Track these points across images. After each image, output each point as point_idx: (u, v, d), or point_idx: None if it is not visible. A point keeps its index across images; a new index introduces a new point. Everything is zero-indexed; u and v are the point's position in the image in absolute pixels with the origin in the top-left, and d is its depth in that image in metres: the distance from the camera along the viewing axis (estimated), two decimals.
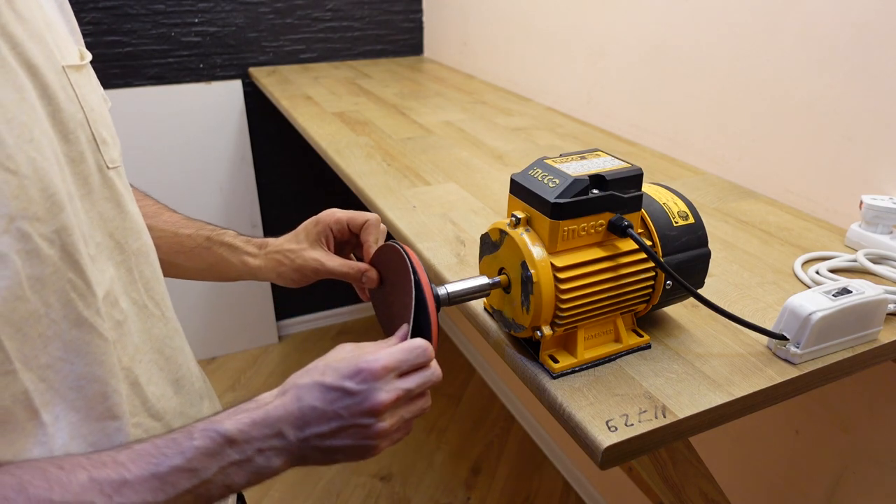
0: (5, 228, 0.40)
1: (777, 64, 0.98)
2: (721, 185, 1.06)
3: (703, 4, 1.09)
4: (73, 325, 0.46)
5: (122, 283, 0.53)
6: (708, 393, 0.55)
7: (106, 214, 0.51)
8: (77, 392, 0.46)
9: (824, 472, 0.99)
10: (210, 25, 1.91)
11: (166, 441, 0.44)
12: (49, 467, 0.41)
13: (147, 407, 0.54)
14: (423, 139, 1.26)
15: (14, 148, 0.41)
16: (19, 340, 0.42)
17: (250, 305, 2.28)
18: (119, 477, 0.42)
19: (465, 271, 0.76)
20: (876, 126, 0.85)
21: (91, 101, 0.51)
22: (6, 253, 0.40)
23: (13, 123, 0.41)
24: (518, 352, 0.61)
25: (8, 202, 0.40)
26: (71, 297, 0.45)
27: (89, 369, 0.47)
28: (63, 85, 0.47)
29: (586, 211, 0.54)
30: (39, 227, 0.42)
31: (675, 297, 0.62)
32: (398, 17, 2.15)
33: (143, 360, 0.54)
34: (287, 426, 0.46)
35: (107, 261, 0.51)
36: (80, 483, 0.41)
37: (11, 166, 0.40)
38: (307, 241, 0.66)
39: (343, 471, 1.84)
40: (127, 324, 0.52)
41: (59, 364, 0.45)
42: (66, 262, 0.45)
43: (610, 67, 1.34)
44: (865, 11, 0.85)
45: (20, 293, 0.41)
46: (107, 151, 0.51)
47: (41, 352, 0.44)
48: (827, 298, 0.59)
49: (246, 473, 0.46)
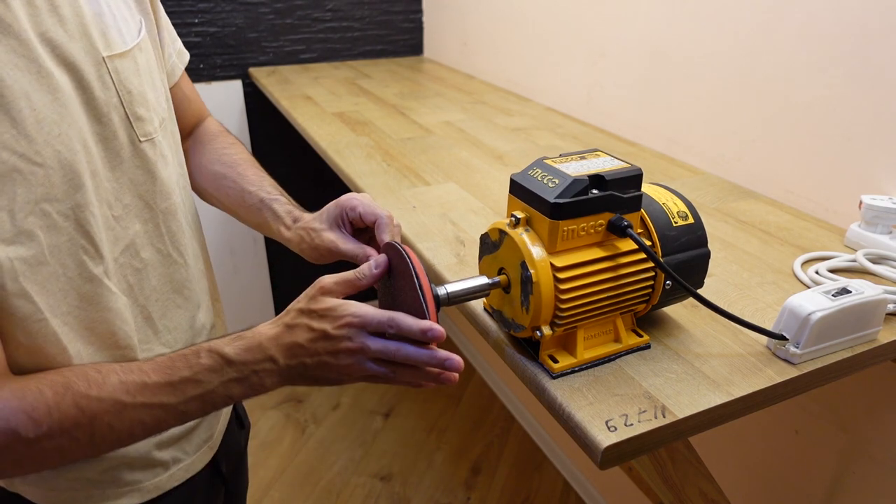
0: (31, 210, 0.51)
1: (777, 64, 0.98)
2: (721, 185, 1.06)
3: (703, 4, 1.09)
4: (85, 281, 0.57)
5: (147, 237, 0.64)
6: (707, 393, 0.55)
7: (136, 179, 0.62)
8: (90, 332, 0.58)
9: (824, 472, 0.99)
10: (210, 26, 1.91)
11: (180, 357, 0.54)
12: (90, 371, 0.52)
13: (158, 337, 0.67)
14: (423, 139, 1.26)
15: (42, 144, 0.51)
16: (45, 295, 0.53)
17: (251, 305, 2.28)
18: (141, 381, 0.52)
19: (464, 271, 0.76)
20: (876, 126, 0.86)
21: (131, 83, 0.60)
22: (32, 230, 0.51)
23: (43, 123, 0.51)
24: (518, 352, 0.61)
25: (35, 189, 0.51)
26: (83, 259, 0.56)
27: (100, 314, 0.59)
28: (101, 74, 0.57)
29: (586, 211, 0.54)
30: (57, 205, 0.53)
31: (675, 297, 0.62)
32: (398, 18, 2.15)
33: (161, 299, 0.67)
34: (278, 354, 0.54)
35: (134, 218, 0.62)
36: (111, 384, 0.51)
37: (38, 160, 0.51)
38: (327, 223, 0.69)
39: (343, 471, 1.84)
40: (146, 270, 0.64)
41: (77, 311, 0.57)
42: (79, 232, 0.55)
43: (610, 67, 1.34)
44: (865, 11, 0.85)
45: (42, 259, 0.53)
46: (140, 127, 0.61)
47: (62, 302, 0.55)
48: (826, 298, 0.59)
49: (243, 388, 0.54)
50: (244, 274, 2.24)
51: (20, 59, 0.50)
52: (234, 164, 0.79)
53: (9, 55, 0.49)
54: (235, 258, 2.20)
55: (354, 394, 2.16)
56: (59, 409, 0.49)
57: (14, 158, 0.49)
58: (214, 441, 0.78)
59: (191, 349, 0.54)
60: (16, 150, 0.49)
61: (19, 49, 0.50)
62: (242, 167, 0.79)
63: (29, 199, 0.50)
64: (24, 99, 0.50)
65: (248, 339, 0.54)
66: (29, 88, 0.50)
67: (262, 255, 2.24)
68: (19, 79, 0.49)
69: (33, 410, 0.49)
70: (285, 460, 1.88)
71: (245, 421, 0.92)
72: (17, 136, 0.49)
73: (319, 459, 1.88)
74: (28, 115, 0.50)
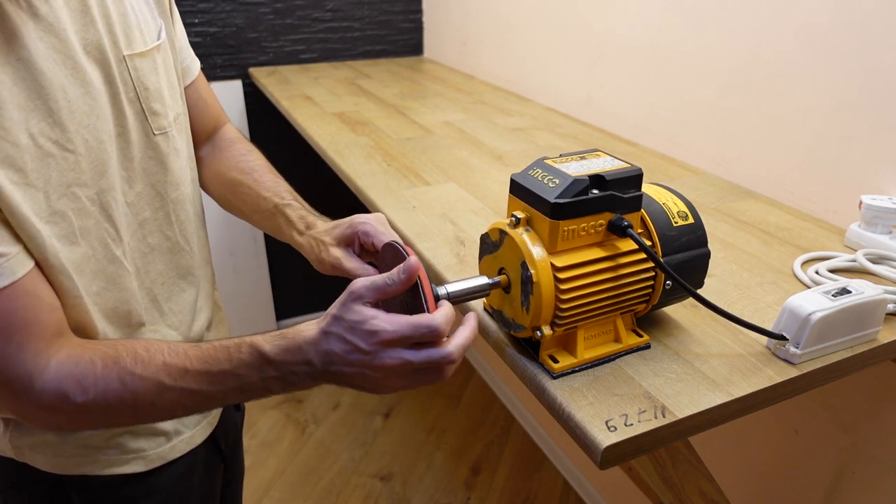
0: (64, 193, 0.55)
1: (776, 64, 0.98)
2: (721, 185, 1.06)
3: (703, 5, 1.09)
4: (109, 263, 0.62)
5: (156, 223, 0.69)
6: (707, 393, 0.55)
7: (149, 169, 0.67)
8: (114, 311, 0.64)
9: (824, 472, 0.99)
10: (210, 26, 1.91)
11: (222, 348, 0.55)
12: (139, 348, 0.55)
13: (164, 318, 0.71)
14: (423, 139, 1.26)
15: (74, 133, 0.56)
16: (80, 275, 0.58)
17: (251, 306, 2.28)
18: (183, 366, 0.54)
19: (464, 271, 0.76)
20: (875, 126, 0.86)
21: (149, 80, 0.65)
22: (65, 211, 0.56)
23: (75, 114, 0.56)
24: (518, 352, 0.61)
25: (66, 174, 0.55)
26: (107, 242, 0.61)
27: (120, 294, 0.64)
28: (121, 70, 0.61)
29: (586, 211, 0.54)
30: (86, 190, 0.58)
31: (675, 297, 0.62)
32: (398, 18, 2.15)
33: (167, 283, 0.71)
34: (315, 358, 0.54)
35: (146, 205, 0.67)
36: (156, 364, 0.54)
37: (70, 147, 0.56)
38: (336, 239, 0.70)
39: (343, 471, 1.84)
40: (152, 255, 0.69)
41: (104, 292, 0.62)
42: (104, 216, 0.60)
43: (610, 67, 1.34)
44: (865, 11, 0.85)
45: (74, 240, 0.57)
46: (155, 121, 0.66)
47: (92, 283, 0.60)
48: (826, 298, 0.59)
49: (282, 385, 0.55)
50: (244, 274, 2.24)
51: (59, 55, 0.55)
52: (250, 170, 0.82)
53: (50, 52, 0.54)
54: (235, 258, 2.20)
55: (354, 394, 2.16)
56: (105, 381, 0.53)
57: (49, 144, 0.54)
58: (213, 418, 0.81)
59: (234, 341, 0.55)
60: (51, 137, 0.54)
61: (59, 46, 0.55)
62: (259, 173, 0.81)
63: (62, 182, 0.55)
64: (60, 91, 0.54)
65: (289, 339, 0.54)
66: (65, 82, 0.55)
67: (263, 255, 2.24)
68: (57, 73, 0.54)
69: (84, 378, 0.53)
70: (285, 460, 1.88)
71: (241, 404, 0.95)
72: (52, 125, 0.54)
73: (319, 459, 1.88)
74: (63, 105, 0.55)
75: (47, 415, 0.55)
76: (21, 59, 0.51)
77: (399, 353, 0.52)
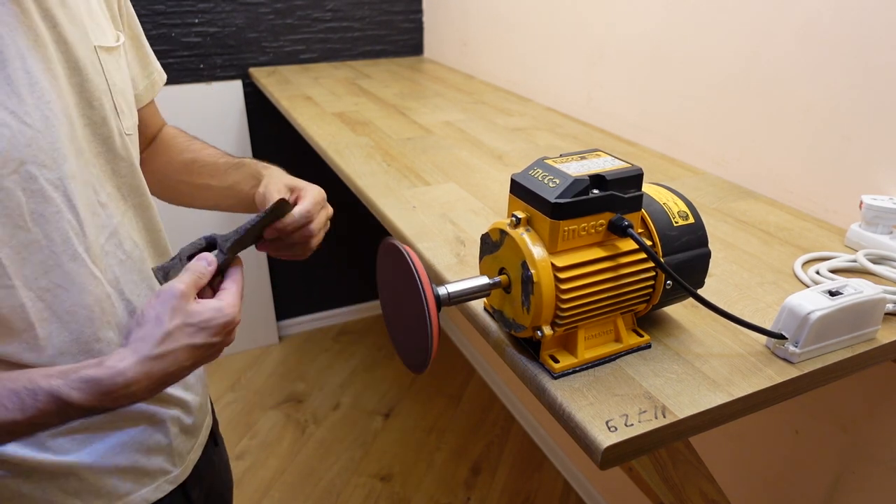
0: (14, 169, 0.51)
1: (777, 64, 0.98)
2: (721, 185, 1.06)
3: (703, 4, 1.09)
4: (70, 259, 0.56)
5: (127, 229, 0.65)
6: (708, 393, 0.55)
7: (120, 171, 0.63)
8: (71, 316, 0.57)
9: (824, 472, 0.99)
10: (210, 26, 1.91)
11: (9, 394, 0.47)
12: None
13: None
14: (423, 139, 1.26)
15: (32, 106, 0.52)
16: (19, 263, 0.52)
17: (251, 306, 2.28)
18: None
19: (465, 271, 0.76)
20: (875, 126, 0.86)
21: (115, 77, 0.62)
22: (12, 188, 0.51)
23: (35, 87, 0.52)
24: (518, 352, 0.61)
25: (21, 149, 0.51)
26: (69, 236, 0.56)
27: (81, 298, 0.57)
28: (92, 60, 0.59)
29: (586, 211, 0.54)
30: (46, 172, 0.53)
31: (676, 296, 0.62)
32: (398, 18, 2.15)
33: (142, 294, 0.66)
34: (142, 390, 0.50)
35: (115, 209, 0.63)
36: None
37: (28, 120, 0.51)
38: (288, 187, 0.72)
39: (343, 471, 1.84)
40: (129, 263, 0.64)
41: (58, 290, 0.56)
42: (67, 206, 0.55)
43: (610, 68, 1.34)
44: (865, 12, 0.85)
45: (21, 223, 0.52)
46: (125, 119, 0.64)
47: (42, 276, 0.54)
48: (825, 298, 0.59)
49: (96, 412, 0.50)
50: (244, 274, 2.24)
51: (20, 23, 0.51)
52: (200, 149, 0.84)
53: (9, 17, 0.51)
54: None
55: (354, 394, 2.16)
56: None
57: (4, 113, 0.50)
58: (181, 473, 0.74)
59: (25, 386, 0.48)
60: (7, 106, 0.50)
61: (20, 15, 0.51)
62: (210, 149, 0.84)
63: (13, 157, 0.50)
64: (19, 59, 0.51)
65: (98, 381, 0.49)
66: (25, 52, 0.52)
67: (263, 254, 2.25)
68: (17, 39, 0.51)
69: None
70: (285, 460, 1.88)
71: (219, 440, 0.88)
72: (9, 93, 0.50)
73: (319, 459, 1.88)
74: (22, 75, 0.51)
75: None
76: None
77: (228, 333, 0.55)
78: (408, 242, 0.84)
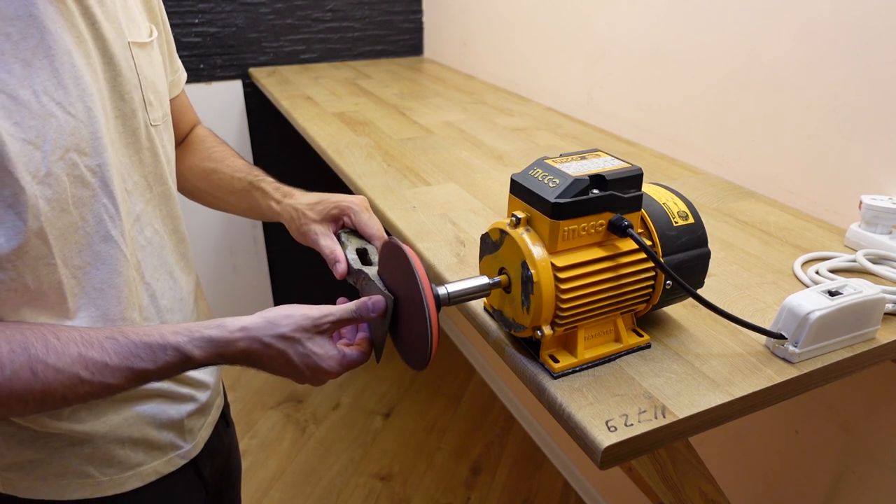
0: (61, 156, 0.54)
1: (777, 64, 0.98)
2: (721, 185, 1.06)
3: (703, 4, 1.09)
4: (102, 240, 0.60)
5: (149, 216, 0.68)
6: (707, 393, 0.55)
7: (145, 160, 0.67)
8: (99, 293, 0.61)
9: (824, 472, 0.99)
10: (210, 26, 1.91)
11: (145, 346, 0.54)
12: (49, 334, 0.52)
13: (160, 315, 0.70)
14: (423, 139, 1.26)
15: (76, 98, 0.55)
16: (61, 242, 0.56)
17: (251, 306, 2.28)
18: (103, 361, 0.53)
19: (465, 271, 0.76)
20: (875, 126, 0.86)
21: (146, 71, 0.66)
22: (59, 174, 0.54)
23: (79, 81, 0.56)
24: (518, 352, 0.61)
25: (66, 137, 0.55)
26: (103, 218, 0.60)
27: (110, 277, 0.61)
28: (126, 56, 0.62)
29: (586, 211, 0.54)
30: (86, 160, 0.57)
31: (675, 296, 0.62)
32: (398, 18, 2.15)
33: (160, 278, 0.70)
34: (242, 360, 0.58)
35: (139, 197, 0.66)
36: (70, 355, 0.52)
37: (72, 111, 0.55)
38: (320, 216, 0.75)
39: (343, 471, 1.84)
40: (149, 248, 0.68)
41: (88, 268, 0.60)
42: (104, 191, 0.59)
43: (610, 67, 1.34)
44: (865, 12, 0.85)
45: (66, 207, 0.56)
46: (152, 112, 0.67)
47: (76, 255, 0.58)
48: (825, 297, 0.59)
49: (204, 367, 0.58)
50: (244, 274, 2.24)
51: (65, 21, 0.55)
52: (222, 158, 0.85)
53: (56, 15, 0.54)
54: (235, 258, 2.20)
55: (354, 394, 2.16)
56: (12, 368, 0.50)
57: (52, 105, 0.54)
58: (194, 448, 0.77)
59: (155, 340, 0.55)
60: (54, 97, 0.54)
61: (65, 13, 0.55)
62: (230, 160, 0.85)
63: (60, 145, 0.54)
64: (65, 54, 0.55)
65: (220, 346, 0.57)
66: (70, 46, 0.55)
67: (263, 255, 2.25)
68: (64, 36, 0.55)
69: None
70: (285, 460, 1.88)
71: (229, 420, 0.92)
72: (56, 85, 0.54)
73: (319, 459, 1.89)
74: (68, 69, 0.55)
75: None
76: (32, 15, 0.52)
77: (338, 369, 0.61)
78: (408, 242, 0.84)
